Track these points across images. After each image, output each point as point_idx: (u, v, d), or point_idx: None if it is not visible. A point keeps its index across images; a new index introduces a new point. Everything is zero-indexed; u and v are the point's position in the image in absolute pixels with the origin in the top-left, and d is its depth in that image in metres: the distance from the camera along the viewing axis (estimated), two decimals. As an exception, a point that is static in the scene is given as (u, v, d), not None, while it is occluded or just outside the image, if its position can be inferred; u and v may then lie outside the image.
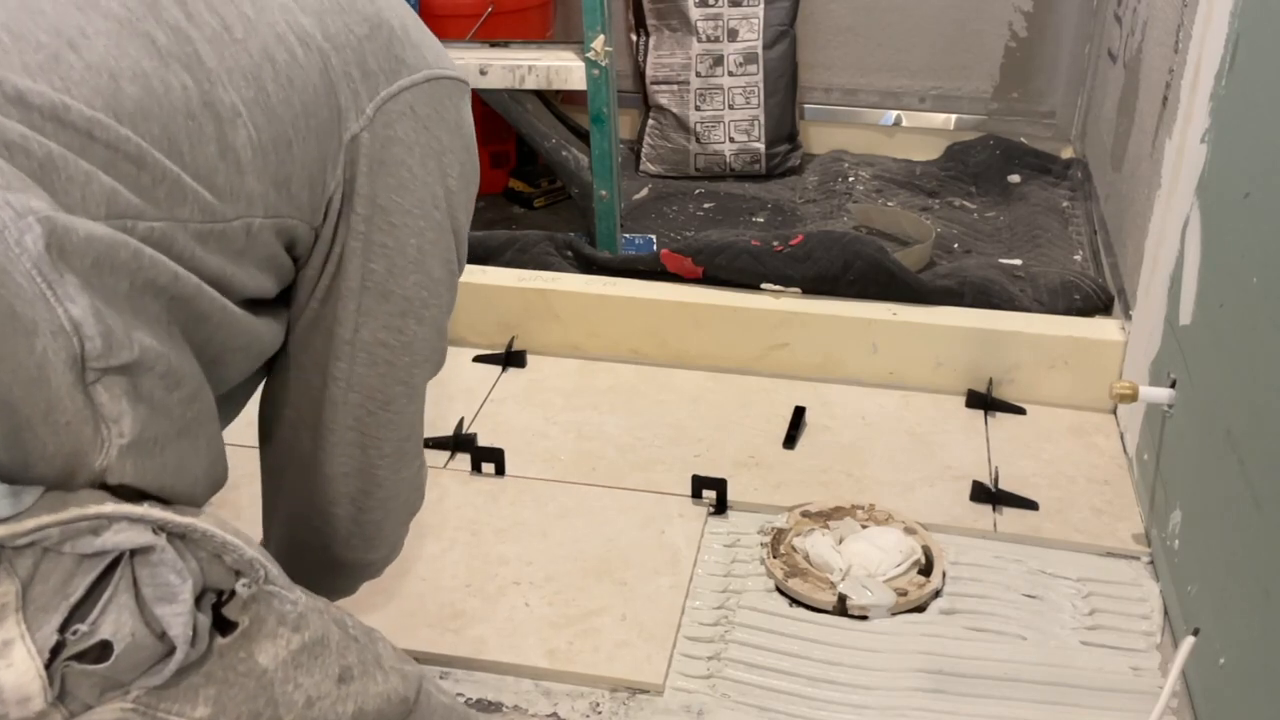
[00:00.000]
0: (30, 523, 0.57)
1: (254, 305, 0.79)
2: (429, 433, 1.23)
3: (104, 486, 0.63)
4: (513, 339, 1.68)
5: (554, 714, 1.09)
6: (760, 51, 2.24)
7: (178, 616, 0.62)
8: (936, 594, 1.22)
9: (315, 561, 0.98)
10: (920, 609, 1.21)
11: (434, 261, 0.86)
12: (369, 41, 0.79)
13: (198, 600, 0.64)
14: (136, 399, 0.64)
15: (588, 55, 1.74)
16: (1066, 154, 2.24)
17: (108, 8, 0.67)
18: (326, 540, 0.94)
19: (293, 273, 0.83)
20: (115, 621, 0.60)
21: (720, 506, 1.35)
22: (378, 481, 0.91)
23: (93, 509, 0.60)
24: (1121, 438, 1.49)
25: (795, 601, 1.22)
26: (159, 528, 0.63)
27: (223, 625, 0.66)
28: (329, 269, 0.82)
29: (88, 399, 0.61)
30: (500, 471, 1.41)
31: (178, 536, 0.64)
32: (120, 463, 0.63)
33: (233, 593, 0.66)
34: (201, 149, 0.68)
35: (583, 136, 1.91)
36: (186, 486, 0.70)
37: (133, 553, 0.61)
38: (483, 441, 1.45)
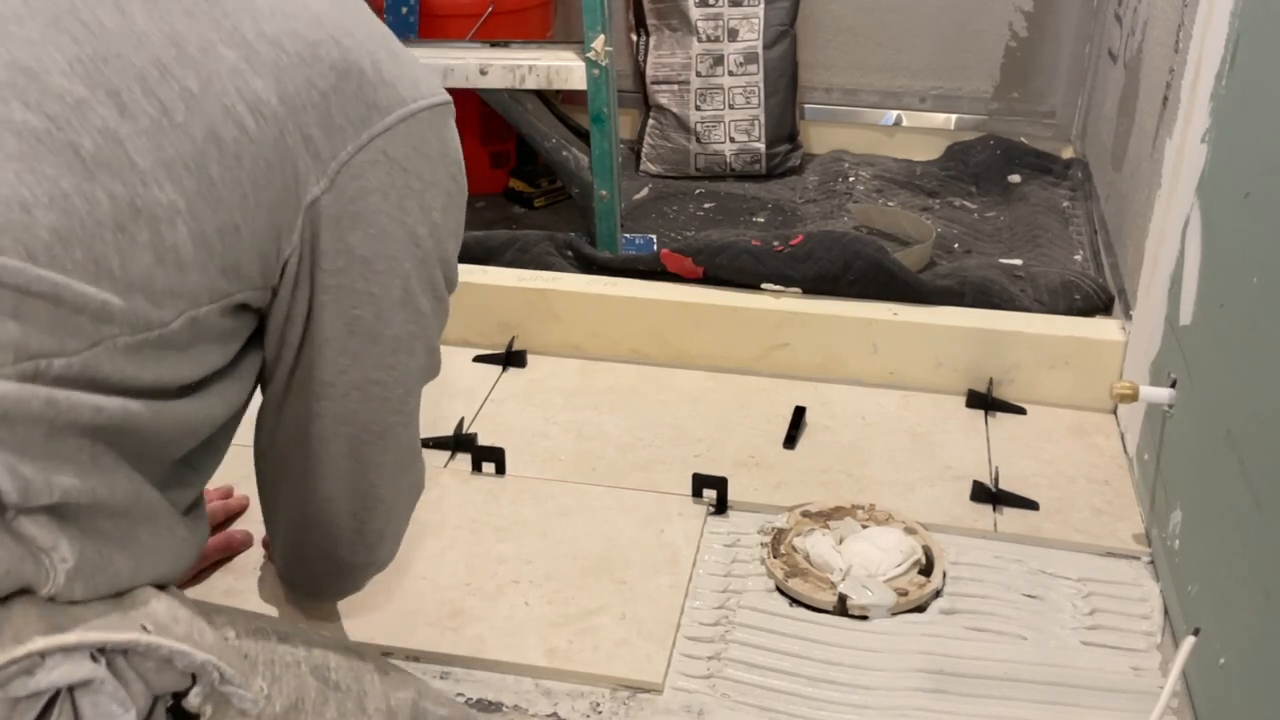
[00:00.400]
0: None
1: (205, 380, 0.75)
2: (428, 432, 1.22)
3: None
4: (513, 339, 1.68)
5: (554, 714, 1.09)
6: (760, 51, 2.24)
7: None
8: (937, 594, 1.22)
9: (319, 566, 0.97)
10: (920, 609, 1.21)
11: (421, 297, 0.84)
12: (335, 95, 0.74)
13: (154, 703, 0.62)
14: (67, 524, 0.62)
15: (588, 55, 1.74)
16: (1067, 154, 2.24)
17: (23, 123, 0.62)
18: (330, 547, 0.94)
19: (252, 326, 0.80)
20: None
21: (720, 506, 1.35)
22: (378, 497, 0.91)
23: (21, 650, 0.57)
24: (1122, 438, 1.49)
25: (795, 601, 1.22)
26: (98, 651, 0.60)
27: (183, 717, 0.65)
28: (295, 320, 0.80)
29: (15, 537, 0.59)
30: (500, 471, 1.41)
31: (120, 651, 0.61)
32: (69, 586, 0.61)
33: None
34: (134, 260, 0.65)
35: (583, 136, 1.91)
36: (149, 577, 0.68)
37: (71, 685, 0.59)
38: (483, 441, 1.45)
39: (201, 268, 0.69)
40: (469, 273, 1.66)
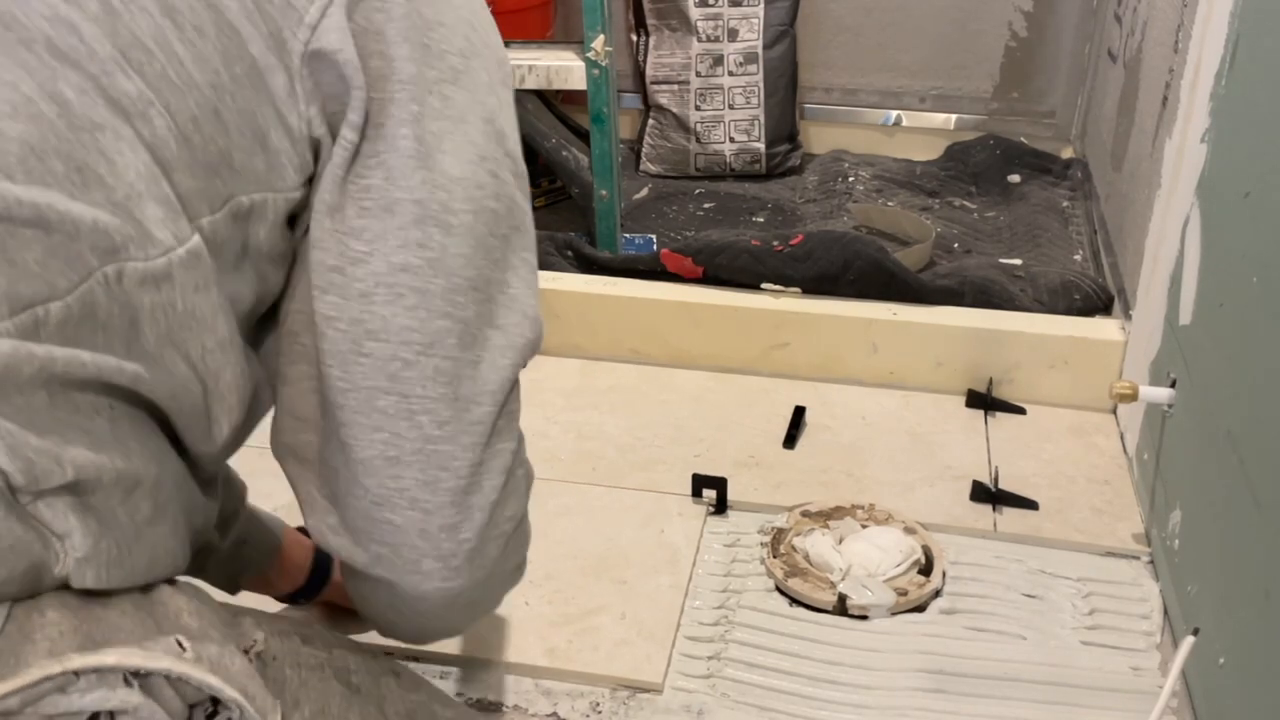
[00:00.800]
0: None
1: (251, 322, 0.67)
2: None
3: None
4: (513, 339, 1.68)
5: (554, 714, 1.09)
6: (760, 51, 2.24)
7: None
8: (936, 594, 1.22)
9: (388, 612, 0.75)
10: (920, 609, 1.21)
11: (448, 156, 0.66)
12: None
13: (190, 710, 0.59)
14: (85, 512, 0.57)
15: (588, 55, 1.74)
16: (1066, 154, 2.24)
17: None
18: (389, 568, 0.70)
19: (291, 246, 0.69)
20: None
21: (720, 506, 1.35)
22: (442, 462, 0.67)
23: (57, 667, 0.53)
24: (1121, 438, 1.49)
25: (795, 601, 1.22)
26: (131, 674, 0.56)
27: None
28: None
29: (27, 523, 0.55)
30: (500, 471, 1.41)
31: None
32: (80, 572, 0.57)
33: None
34: (123, 162, 0.56)
35: (583, 136, 1.91)
36: (163, 571, 0.64)
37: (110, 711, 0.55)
38: (483, 441, 1.45)
39: (188, 168, 0.59)
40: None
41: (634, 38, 2.33)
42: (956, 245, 1.96)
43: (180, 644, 0.59)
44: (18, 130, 0.53)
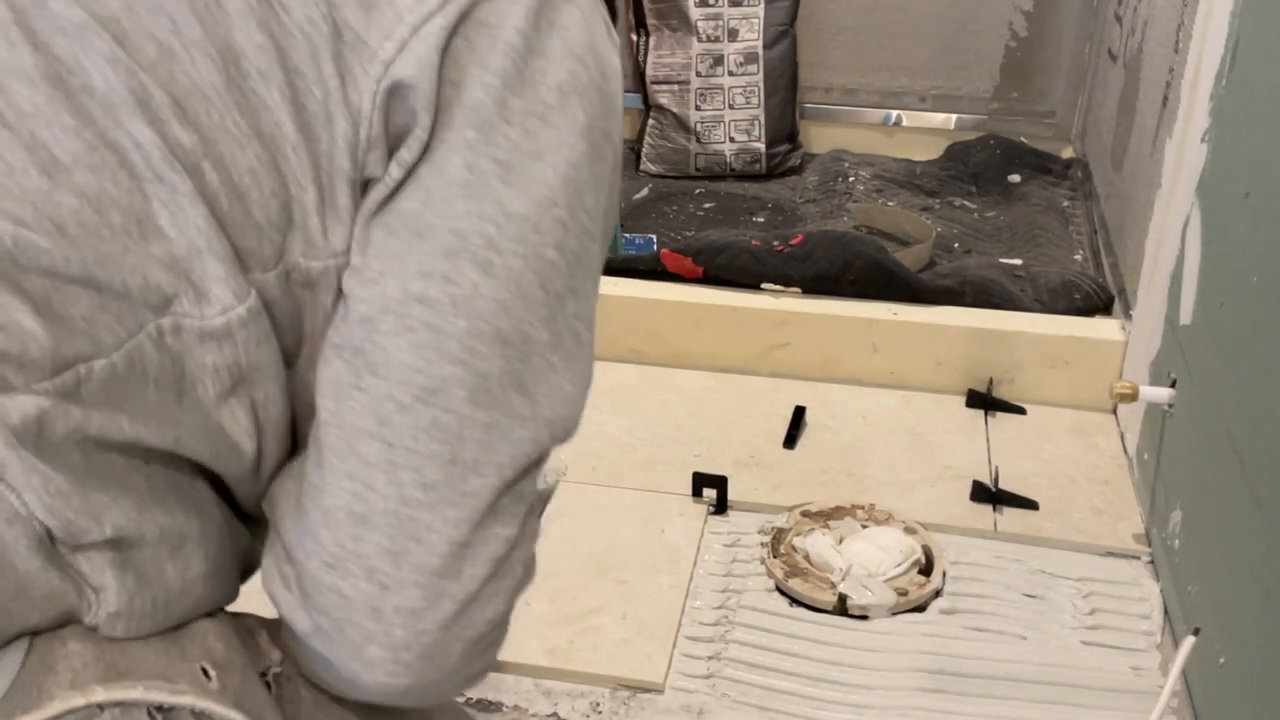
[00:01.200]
0: None
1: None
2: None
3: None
4: (513, 339, 1.68)
5: (554, 714, 1.09)
6: (760, 51, 2.24)
7: None
8: (936, 594, 1.22)
9: (319, 681, 0.65)
10: (920, 609, 1.21)
11: (511, 190, 0.58)
12: None
13: None
14: (124, 568, 0.54)
15: (588, 55, 1.74)
16: (1066, 154, 2.24)
17: (33, 67, 0.51)
18: (328, 645, 0.60)
19: None
20: None
21: (720, 505, 1.35)
22: (416, 533, 0.58)
23: (80, 700, 0.51)
24: (1122, 437, 1.49)
25: (795, 601, 1.22)
26: (155, 709, 0.54)
27: None
28: None
29: (65, 573, 0.53)
30: (500, 471, 1.41)
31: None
32: (110, 624, 0.55)
33: None
34: (183, 215, 0.53)
35: (583, 136, 1.91)
36: (202, 612, 0.61)
37: None
38: (483, 441, 1.45)
39: (245, 223, 0.55)
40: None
41: (634, 38, 2.33)
42: (956, 245, 1.96)
43: (206, 672, 0.58)
44: (75, 181, 0.51)
